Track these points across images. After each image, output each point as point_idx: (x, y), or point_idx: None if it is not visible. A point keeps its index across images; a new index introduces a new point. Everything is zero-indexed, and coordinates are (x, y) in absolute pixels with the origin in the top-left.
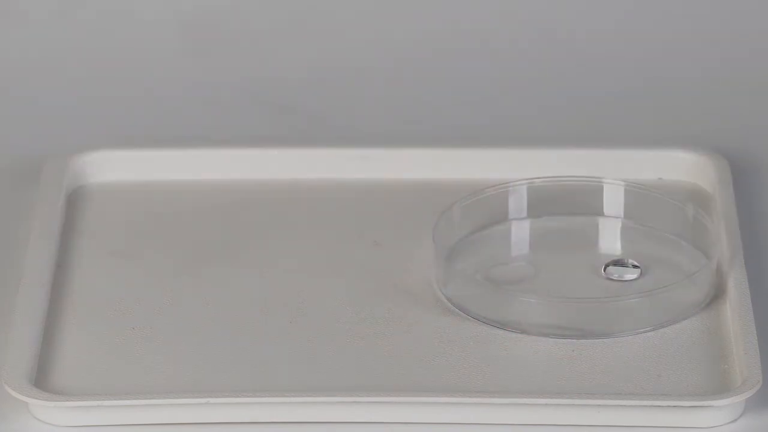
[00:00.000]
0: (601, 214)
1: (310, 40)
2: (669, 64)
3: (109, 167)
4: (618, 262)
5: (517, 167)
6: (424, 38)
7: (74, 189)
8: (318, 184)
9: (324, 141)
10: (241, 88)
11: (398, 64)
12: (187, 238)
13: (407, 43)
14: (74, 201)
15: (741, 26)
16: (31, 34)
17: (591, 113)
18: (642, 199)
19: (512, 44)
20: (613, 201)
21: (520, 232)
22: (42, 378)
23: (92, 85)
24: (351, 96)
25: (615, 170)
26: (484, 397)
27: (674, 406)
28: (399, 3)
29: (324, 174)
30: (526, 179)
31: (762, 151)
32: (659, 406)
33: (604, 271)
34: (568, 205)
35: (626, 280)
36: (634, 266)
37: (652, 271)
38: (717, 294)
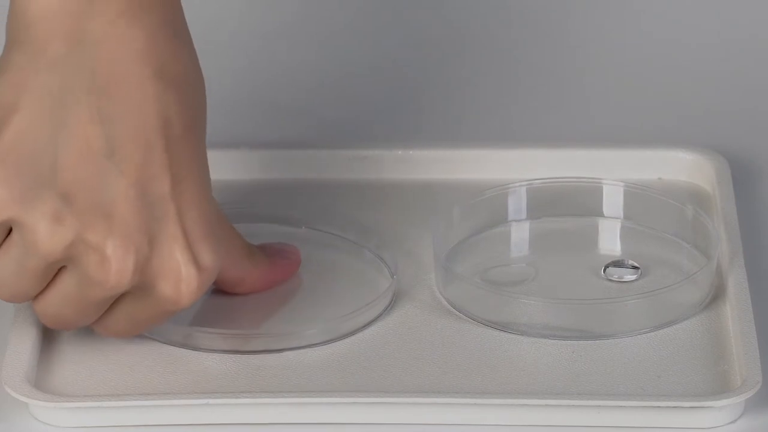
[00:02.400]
0: (600, 214)
1: (309, 39)
2: (669, 63)
3: None
4: (618, 263)
5: (516, 168)
6: (424, 38)
7: None
8: (318, 184)
9: (324, 141)
10: (240, 89)
11: (398, 64)
12: None
13: (406, 42)
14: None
15: (741, 26)
16: None
17: (591, 113)
18: (642, 200)
19: (512, 44)
20: (613, 201)
21: (520, 233)
22: (42, 379)
23: None
24: (351, 96)
25: (615, 170)
26: (484, 398)
27: (674, 407)
28: (399, 2)
29: (324, 174)
30: (526, 181)
31: (762, 151)
32: (659, 406)
33: (604, 272)
34: (567, 206)
35: (626, 281)
36: (634, 267)
37: (651, 271)
38: (717, 294)
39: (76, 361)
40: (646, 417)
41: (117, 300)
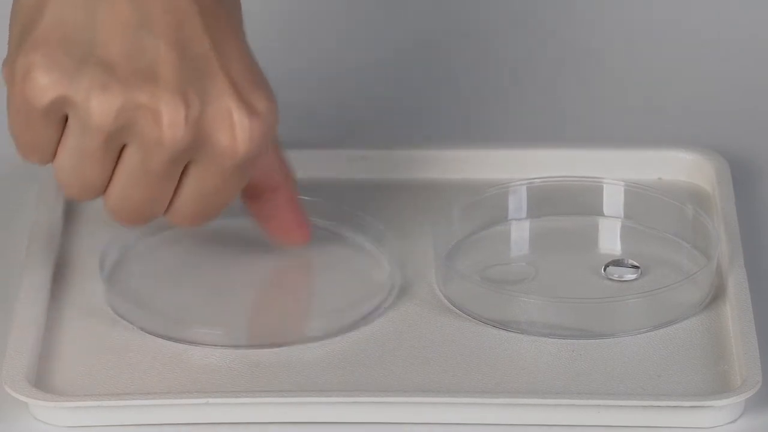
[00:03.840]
0: (600, 214)
1: (309, 38)
2: (669, 63)
3: None
4: (618, 263)
5: (517, 167)
6: (423, 38)
7: None
8: (318, 184)
9: (324, 141)
10: None
11: (399, 64)
12: (187, 237)
13: (407, 43)
14: (74, 201)
15: (741, 25)
16: None
17: (591, 113)
18: (642, 199)
19: (513, 44)
20: (613, 201)
21: (520, 232)
22: (42, 378)
23: None
24: (352, 96)
25: (615, 170)
26: (483, 397)
27: (674, 407)
28: (399, 2)
29: (324, 174)
30: (526, 179)
31: (762, 151)
32: (659, 406)
33: (604, 271)
34: (567, 205)
35: (626, 281)
36: (634, 266)
37: (651, 271)
38: (717, 294)
39: (76, 361)
40: (646, 417)
41: (182, 176)
